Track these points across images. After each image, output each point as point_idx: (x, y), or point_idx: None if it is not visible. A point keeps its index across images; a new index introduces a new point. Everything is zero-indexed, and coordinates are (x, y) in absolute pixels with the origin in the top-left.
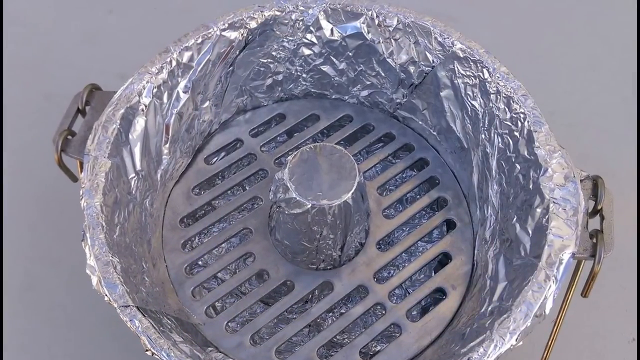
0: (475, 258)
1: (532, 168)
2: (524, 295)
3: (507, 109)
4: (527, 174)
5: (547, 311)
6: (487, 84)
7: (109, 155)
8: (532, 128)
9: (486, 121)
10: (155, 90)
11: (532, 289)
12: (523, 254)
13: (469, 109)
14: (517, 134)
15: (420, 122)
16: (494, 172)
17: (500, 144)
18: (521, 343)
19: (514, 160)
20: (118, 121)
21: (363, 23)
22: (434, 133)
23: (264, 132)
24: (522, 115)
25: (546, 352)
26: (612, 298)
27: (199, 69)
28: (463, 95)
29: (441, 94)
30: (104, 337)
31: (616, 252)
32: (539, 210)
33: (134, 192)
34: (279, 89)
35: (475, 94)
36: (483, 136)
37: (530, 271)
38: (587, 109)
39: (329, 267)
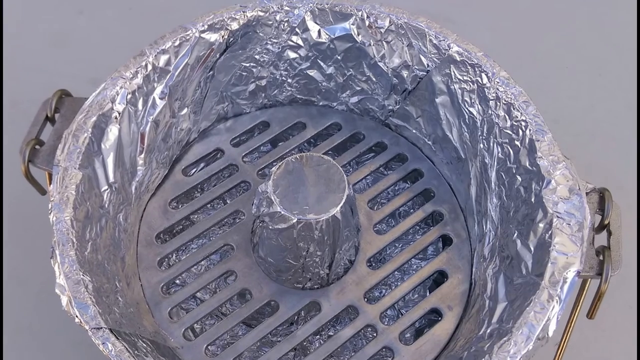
0: (473, 276)
1: (534, 180)
2: (525, 316)
3: (507, 117)
4: (529, 186)
5: (551, 333)
6: (485, 89)
7: (79, 166)
8: (534, 137)
9: (485, 129)
10: (129, 96)
11: (534, 310)
12: (524, 272)
13: (467, 117)
14: (518, 143)
15: (414, 131)
16: (493, 184)
17: (500, 154)
18: None
19: (514, 171)
20: (90, 130)
21: (353, 24)
22: (429, 142)
23: (246, 141)
24: (523, 123)
25: None
26: (619, 319)
27: (177, 73)
28: (460, 101)
29: (436, 100)
30: None
31: (624, 270)
32: (541, 225)
33: (106, 205)
34: (263, 95)
35: (473, 101)
36: (481, 145)
37: (532, 291)
38: (593, 117)
39: (316, 287)
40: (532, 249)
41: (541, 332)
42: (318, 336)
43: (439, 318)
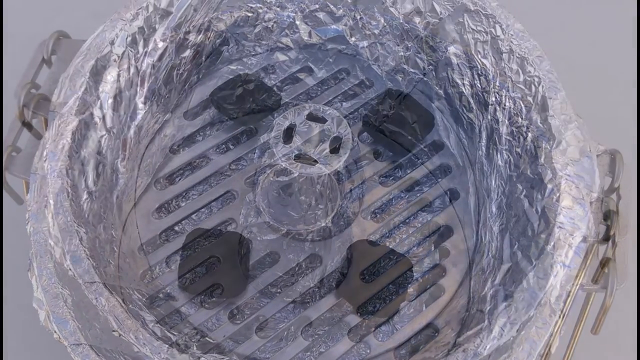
0: (471, 290)
1: (535, 188)
2: (526, 332)
3: (508, 123)
4: (531, 195)
5: (553, 350)
6: (485, 94)
7: (58, 174)
8: (536, 143)
9: (484, 136)
10: (111, 99)
11: (535, 325)
12: (525, 285)
13: (465, 122)
14: (519, 150)
15: (409, 137)
16: (492, 193)
17: (500, 162)
18: None
19: (515, 179)
20: (69, 135)
21: (345, 25)
22: (425, 149)
23: (233, 148)
24: (524, 129)
25: None
26: (625, 334)
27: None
28: (458, 106)
29: (433, 105)
30: None
31: (630, 282)
32: (543, 236)
33: (86, 216)
34: (251, 99)
35: (471, 106)
36: (480, 153)
37: (533, 305)
38: (597, 121)
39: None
40: (533, 261)
41: (543, 349)
42: (309, 353)
43: (436, 334)
